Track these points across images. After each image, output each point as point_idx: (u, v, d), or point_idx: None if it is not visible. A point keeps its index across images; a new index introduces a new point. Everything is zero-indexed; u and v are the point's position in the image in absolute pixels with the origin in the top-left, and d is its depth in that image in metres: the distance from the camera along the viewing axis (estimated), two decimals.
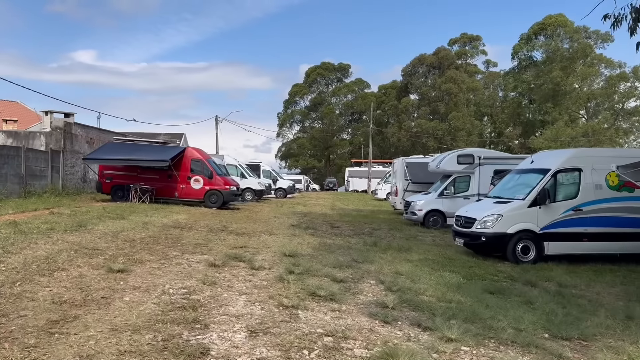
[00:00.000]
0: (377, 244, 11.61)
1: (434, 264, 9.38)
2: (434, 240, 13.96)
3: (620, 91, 51.10)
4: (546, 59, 55.09)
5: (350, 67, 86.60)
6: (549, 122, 55.67)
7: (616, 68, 50.32)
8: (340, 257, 9.46)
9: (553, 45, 52.98)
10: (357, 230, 15.28)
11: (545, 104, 57.26)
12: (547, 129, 52.45)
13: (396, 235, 14.52)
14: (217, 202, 19.99)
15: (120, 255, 8.08)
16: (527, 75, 61.56)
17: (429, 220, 17.50)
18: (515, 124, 67.03)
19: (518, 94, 64.56)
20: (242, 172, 27.90)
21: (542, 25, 61.29)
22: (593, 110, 54.41)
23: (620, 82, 50.48)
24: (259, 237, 11.85)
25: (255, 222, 15.47)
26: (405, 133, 70.98)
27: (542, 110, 60.31)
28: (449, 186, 17.56)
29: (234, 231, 12.52)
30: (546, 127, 55.18)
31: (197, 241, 10.28)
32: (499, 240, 10.21)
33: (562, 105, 53.88)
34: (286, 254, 9.13)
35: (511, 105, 65.17)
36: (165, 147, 20.39)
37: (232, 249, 9.51)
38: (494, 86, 75.11)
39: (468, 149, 19.72)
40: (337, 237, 13.05)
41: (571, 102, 54.05)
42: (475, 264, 9.74)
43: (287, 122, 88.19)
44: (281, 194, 34.57)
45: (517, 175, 11.52)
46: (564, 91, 53.02)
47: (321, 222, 17.17)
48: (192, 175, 20.02)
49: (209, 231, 12.20)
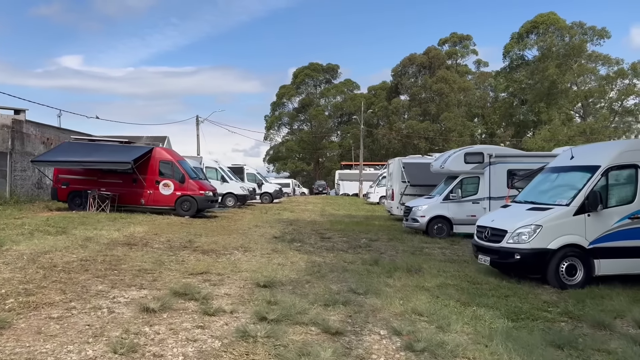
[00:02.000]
0: (378, 262, 9.22)
1: (458, 293, 7.01)
2: (443, 253, 11.62)
3: (619, 89, 49.46)
4: (541, 57, 53.34)
5: (339, 67, 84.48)
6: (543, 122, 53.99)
7: (614, 65, 48.73)
8: (334, 285, 7.05)
9: (549, 42, 51.22)
10: (351, 242, 12.90)
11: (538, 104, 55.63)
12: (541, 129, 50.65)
13: (398, 247, 12.15)
14: (191, 210, 17.46)
15: (15, 294, 5.58)
16: (519, 75, 59.92)
17: (433, 227, 15.18)
18: (508, 124, 65.38)
19: (510, 94, 62.91)
20: (223, 176, 25.39)
21: (533, 24, 59.79)
22: (591, 108, 52.72)
23: (618, 78, 48.84)
24: (230, 255, 9.39)
25: (231, 234, 13.00)
26: (396, 134, 68.94)
27: (535, 110, 58.74)
28: (456, 189, 15.25)
29: (199, 248, 10.03)
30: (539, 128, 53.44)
31: (144, 265, 7.78)
32: (538, 259, 7.86)
33: (558, 104, 52.16)
34: (260, 283, 6.71)
35: (503, 105, 63.49)
36: (129, 147, 17.81)
37: (188, 277, 7.05)
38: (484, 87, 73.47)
39: (477, 146, 17.44)
40: (328, 252, 10.63)
41: (568, 101, 52.34)
42: (510, 291, 7.38)
43: (275, 125, 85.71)
44: (267, 199, 32.09)
45: (553, 174, 9.16)
46: (560, 89, 51.30)
47: (309, 232, 14.75)
48: (161, 179, 17.47)
49: (168, 249, 9.71)
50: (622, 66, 48.55)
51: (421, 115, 70.35)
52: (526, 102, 60.90)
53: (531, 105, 59.04)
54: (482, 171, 15.11)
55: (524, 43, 61.95)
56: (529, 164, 14.75)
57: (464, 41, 77.50)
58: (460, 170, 15.31)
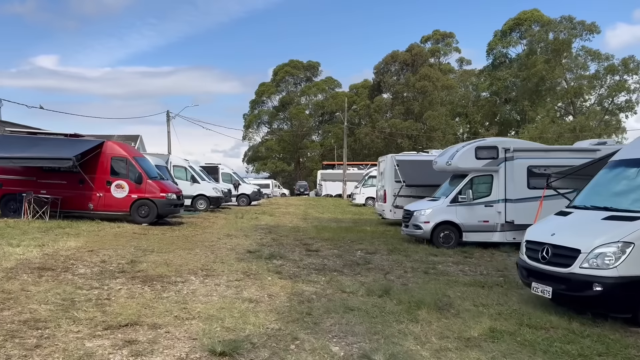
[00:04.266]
0: (389, 292, 6.65)
1: (527, 352, 4.50)
2: (463, 271, 9.14)
3: (609, 85, 48.13)
4: (528, 52, 51.76)
5: (319, 65, 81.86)
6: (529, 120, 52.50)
7: (604, 61, 47.38)
8: (337, 344, 4.46)
9: (537, 37, 49.64)
10: (345, 256, 10.32)
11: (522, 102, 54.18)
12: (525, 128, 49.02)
13: (405, 264, 9.62)
14: (150, 216, 14.62)
15: None
16: (503, 73, 58.40)
17: (439, 235, 12.71)
18: (491, 123, 63.90)
19: (493, 92, 61.42)
20: (193, 176, 22.53)
21: (517, 21, 58.53)
22: (580, 105, 51.36)
23: (608, 75, 47.50)
24: (182, 284, 6.70)
25: (193, 248, 10.27)
26: (379, 134, 66.76)
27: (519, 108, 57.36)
28: (465, 189, 12.83)
29: (142, 273, 7.30)
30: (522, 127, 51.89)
31: (39, 310, 5.02)
32: (628, 292, 5.42)
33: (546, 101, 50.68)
34: (217, 349, 4.05)
35: (487, 104, 61.95)
36: (73, 141, 14.80)
37: (98, 337, 4.33)
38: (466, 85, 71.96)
39: (490, 139, 15.10)
40: (318, 274, 8.02)
41: (556, 98, 50.89)
42: (598, 342, 4.91)
43: (254, 124, 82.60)
44: (244, 201, 29.27)
45: (631, 169, 6.66)
46: (548, 86, 49.80)
47: (292, 243, 12.13)
48: (113, 179, 14.56)
49: (96, 275, 6.96)
50: (612, 62, 47.23)
51: (404, 114, 68.36)
52: (509, 100, 59.50)
53: (515, 104, 57.63)
54: (496, 168, 12.76)
55: (507, 40, 60.63)
56: (553, 159, 12.47)
57: (446, 39, 75.99)
58: (470, 167, 12.91)
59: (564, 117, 53.57)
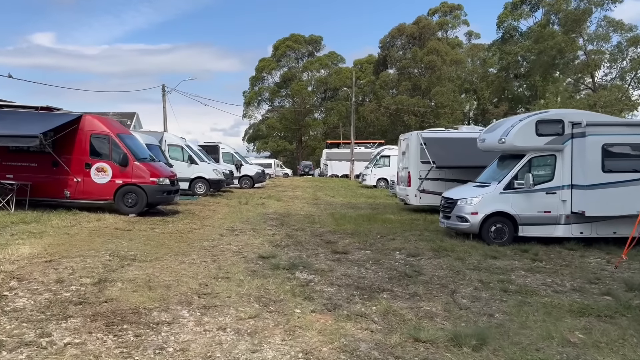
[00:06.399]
0: (486, 341, 4.32)
1: None
2: (546, 284, 6.82)
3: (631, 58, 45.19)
4: (545, 23, 48.59)
5: (322, 39, 78.28)
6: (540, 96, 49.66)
7: (627, 32, 44.32)
8: None
9: (556, 6, 46.43)
10: (383, 261, 7.98)
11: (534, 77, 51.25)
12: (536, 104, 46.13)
13: (466, 273, 7.28)
14: (138, 205, 12.23)
15: None
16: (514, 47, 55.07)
17: (490, 229, 10.34)
18: (500, 99, 60.96)
19: (502, 67, 58.26)
20: (191, 156, 20.10)
21: None
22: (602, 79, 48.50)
23: (631, 47, 44.52)
24: (166, 333, 4.34)
25: (188, 252, 7.91)
26: (384, 111, 63.95)
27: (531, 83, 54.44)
28: (522, 172, 10.43)
29: (109, 305, 4.93)
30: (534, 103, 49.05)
31: None
32: None
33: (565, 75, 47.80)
34: None
35: (497, 79, 58.92)
36: (45, 115, 12.25)
37: None
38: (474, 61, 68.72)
39: (554, 111, 12.50)
40: (363, 298, 5.68)
41: (575, 71, 47.95)
42: None
43: (255, 101, 79.51)
44: (247, 183, 26.87)
45: None
46: (567, 59, 46.83)
47: (312, 240, 9.78)
48: (93, 160, 12.11)
49: (34, 313, 4.60)
50: (636, 33, 44.17)
51: (411, 90, 65.43)
52: (519, 76, 56.47)
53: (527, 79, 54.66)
54: (560, 147, 10.36)
55: (518, 13, 57.24)
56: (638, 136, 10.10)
57: (454, 11, 72.56)
58: (529, 146, 10.49)
59: (581, 92, 50.79)
